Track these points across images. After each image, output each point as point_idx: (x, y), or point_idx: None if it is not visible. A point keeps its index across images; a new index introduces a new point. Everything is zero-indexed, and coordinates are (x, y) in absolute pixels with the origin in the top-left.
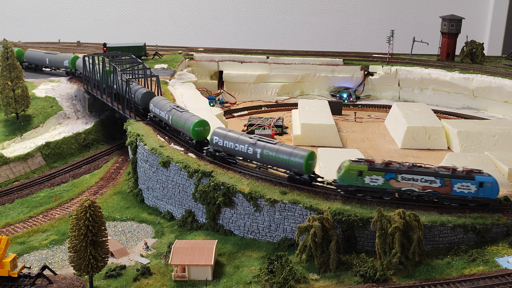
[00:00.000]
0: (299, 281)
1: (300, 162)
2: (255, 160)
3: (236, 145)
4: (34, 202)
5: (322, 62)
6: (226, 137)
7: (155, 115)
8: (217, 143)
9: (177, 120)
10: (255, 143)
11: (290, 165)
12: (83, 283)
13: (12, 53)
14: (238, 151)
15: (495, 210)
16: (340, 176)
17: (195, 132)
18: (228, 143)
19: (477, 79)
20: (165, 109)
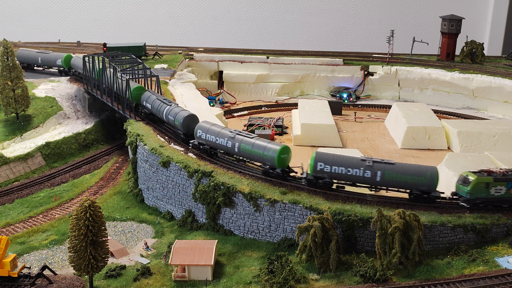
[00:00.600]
0: (299, 281)
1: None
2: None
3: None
4: (34, 202)
5: (322, 62)
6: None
7: (208, 142)
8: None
9: (250, 148)
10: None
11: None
12: (83, 283)
13: (12, 53)
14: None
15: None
16: (469, 190)
17: (281, 160)
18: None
19: (477, 79)
20: (224, 136)
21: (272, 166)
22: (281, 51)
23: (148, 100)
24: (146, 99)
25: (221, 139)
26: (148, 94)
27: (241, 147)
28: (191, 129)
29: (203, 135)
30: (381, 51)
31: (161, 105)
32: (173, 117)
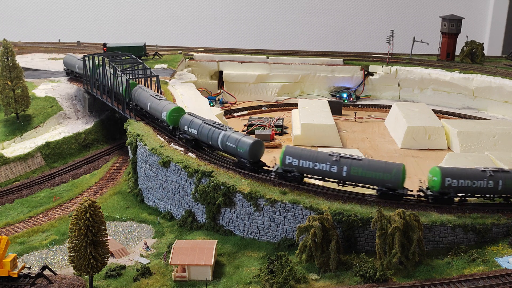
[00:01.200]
0: (299, 281)
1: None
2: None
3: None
4: (34, 202)
5: (322, 62)
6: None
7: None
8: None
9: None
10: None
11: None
12: (83, 283)
13: (12, 53)
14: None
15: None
16: None
17: None
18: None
19: (477, 79)
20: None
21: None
22: (281, 51)
23: (193, 125)
24: (189, 123)
25: (322, 164)
26: (190, 118)
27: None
28: (258, 156)
29: (294, 161)
30: (381, 51)
31: (212, 130)
32: (234, 144)
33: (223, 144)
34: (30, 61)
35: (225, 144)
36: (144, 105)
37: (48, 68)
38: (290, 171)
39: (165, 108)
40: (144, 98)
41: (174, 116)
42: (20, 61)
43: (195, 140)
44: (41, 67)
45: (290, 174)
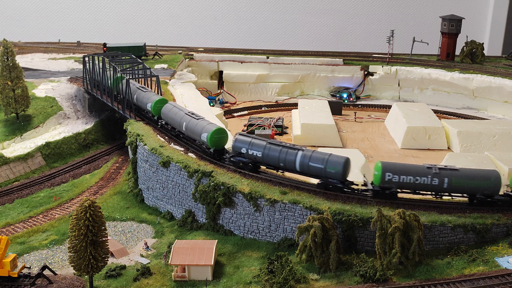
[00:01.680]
0: (299, 281)
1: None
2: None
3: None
4: (34, 202)
5: (322, 62)
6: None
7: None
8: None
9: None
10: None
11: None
12: (83, 283)
13: (12, 53)
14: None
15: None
16: None
17: None
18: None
19: (477, 79)
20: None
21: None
22: (281, 51)
23: (254, 147)
24: (249, 145)
25: (423, 178)
26: (248, 139)
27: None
28: (348, 174)
29: (394, 177)
30: (381, 51)
31: (285, 151)
32: (321, 164)
33: (303, 166)
34: (30, 61)
35: (307, 165)
36: (178, 125)
37: (48, 68)
38: (388, 187)
39: (206, 129)
40: (178, 117)
41: (217, 137)
42: (20, 61)
43: (255, 162)
44: (41, 67)
45: (388, 191)
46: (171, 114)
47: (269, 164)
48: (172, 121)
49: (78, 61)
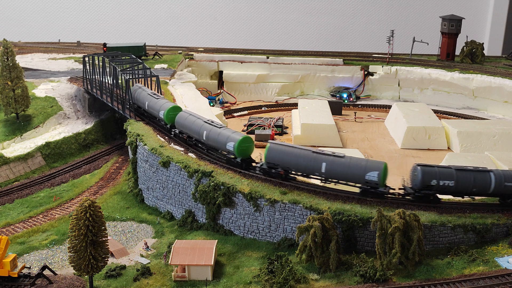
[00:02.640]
0: (299, 281)
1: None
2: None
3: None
4: (34, 202)
5: (322, 62)
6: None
7: None
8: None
9: None
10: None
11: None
12: (83, 283)
13: (12, 53)
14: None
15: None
16: None
17: None
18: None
19: (477, 79)
20: None
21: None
22: (281, 51)
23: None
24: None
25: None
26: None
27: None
28: None
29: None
30: (381, 51)
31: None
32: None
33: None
34: (30, 61)
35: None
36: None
37: (48, 68)
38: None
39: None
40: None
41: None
42: (20, 61)
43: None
44: (41, 67)
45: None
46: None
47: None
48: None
49: (78, 61)
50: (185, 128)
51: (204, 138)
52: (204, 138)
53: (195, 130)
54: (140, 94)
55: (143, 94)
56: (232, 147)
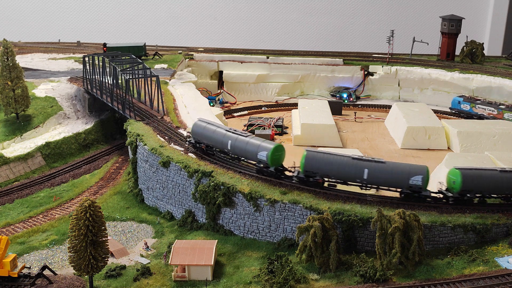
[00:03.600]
0: (299, 281)
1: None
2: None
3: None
4: (34, 202)
5: (322, 62)
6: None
7: None
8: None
9: None
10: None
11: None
12: (83, 283)
13: (12, 53)
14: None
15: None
16: None
17: None
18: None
19: (477, 79)
20: None
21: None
22: (281, 51)
23: None
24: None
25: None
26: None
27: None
28: None
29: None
30: (381, 51)
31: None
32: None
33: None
34: (30, 61)
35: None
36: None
37: (48, 68)
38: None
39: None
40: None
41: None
42: (20, 61)
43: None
44: (41, 67)
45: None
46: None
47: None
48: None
49: (78, 61)
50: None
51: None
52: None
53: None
54: (214, 132)
55: (219, 131)
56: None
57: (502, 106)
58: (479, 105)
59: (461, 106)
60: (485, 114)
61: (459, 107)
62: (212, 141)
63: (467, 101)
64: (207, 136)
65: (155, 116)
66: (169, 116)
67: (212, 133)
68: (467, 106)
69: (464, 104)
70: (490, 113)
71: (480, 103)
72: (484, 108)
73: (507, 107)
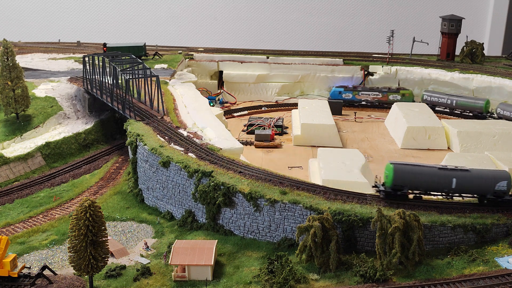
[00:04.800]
0: (299, 281)
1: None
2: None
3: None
4: (34, 202)
5: (322, 62)
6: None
7: None
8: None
9: None
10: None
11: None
12: (83, 283)
13: (12, 53)
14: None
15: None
16: None
17: None
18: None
19: (477, 79)
20: None
21: None
22: (281, 51)
23: None
24: None
25: None
26: None
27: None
28: None
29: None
30: (381, 51)
31: None
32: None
33: None
34: (30, 61)
35: None
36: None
37: (48, 68)
38: None
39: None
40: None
41: None
42: (20, 61)
43: None
44: (41, 67)
45: None
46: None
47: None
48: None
49: (78, 61)
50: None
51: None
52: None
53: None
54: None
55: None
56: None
57: (384, 89)
58: (361, 91)
59: (342, 95)
60: (370, 99)
61: (340, 96)
62: (425, 183)
63: (348, 90)
64: (419, 180)
65: (155, 116)
66: (169, 116)
67: (428, 175)
68: (349, 95)
69: (346, 94)
70: (375, 97)
71: (362, 90)
72: (368, 93)
73: (390, 90)
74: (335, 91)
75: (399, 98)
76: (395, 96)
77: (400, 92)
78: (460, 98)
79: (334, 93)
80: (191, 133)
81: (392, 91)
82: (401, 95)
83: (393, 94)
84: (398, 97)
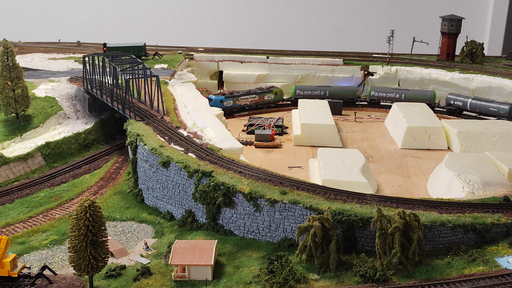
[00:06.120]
0: (299, 281)
1: None
2: None
3: None
4: (34, 202)
5: (322, 62)
6: None
7: None
8: None
9: None
10: None
11: None
12: (83, 283)
13: (12, 53)
14: None
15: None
16: None
17: None
18: None
19: (477, 79)
20: None
21: None
22: (281, 51)
23: None
24: None
25: None
26: None
27: None
28: None
29: None
30: (381, 51)
31: None
32: None
33: None
34: (30, 61)
35: None
36: None
37: (48, 68)
38: None
39: None
40: None
41: None
42: (20, 61)
43: None
44: (41, 67)
45: None
46: None
47: None
48: None
49: (78, 61)
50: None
51: None
52: None
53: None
54: None
55: None
56: None
57: (259, 91)
58: (241, 97)
59: (224, 103)
60: (248, 103)
61: (222, 105)
62: None
63: (228, 97)
64: None
65: (155, 116)
66: (169, 116)
67: None
68: (230, 102)
69: (227, 101)
70: (253, 100)
71: (240, 95)
72: (246, 97)
73: (263, 90)
74: (216, 100)
75: (272, 97)
76: (269, 96)
77: (273, 91)
78: (408, 91)
79: (216, 102)
80: (191, 133)
81: (266, 91)
82: (274, 94)
83: (268, 94)
84: (272, 96)
